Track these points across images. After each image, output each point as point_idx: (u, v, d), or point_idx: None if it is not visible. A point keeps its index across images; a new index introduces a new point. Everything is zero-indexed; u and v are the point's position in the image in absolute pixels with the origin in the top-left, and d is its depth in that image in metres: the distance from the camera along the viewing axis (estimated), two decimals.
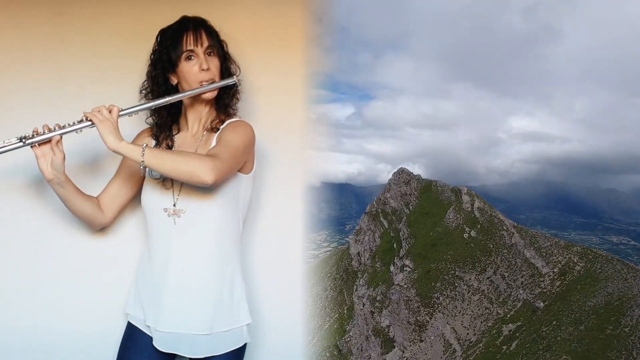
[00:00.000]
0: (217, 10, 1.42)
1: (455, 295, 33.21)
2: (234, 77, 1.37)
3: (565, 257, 33.52)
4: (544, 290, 32.37)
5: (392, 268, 38.38)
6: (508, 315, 32.30)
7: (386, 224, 44.24)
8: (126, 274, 1.46)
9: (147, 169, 1.21)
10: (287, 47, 1.53)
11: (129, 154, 1.18)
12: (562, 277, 32.54)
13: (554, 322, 29.77)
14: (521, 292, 32.86)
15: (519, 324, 31.36)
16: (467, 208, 39.76)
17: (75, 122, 1.23)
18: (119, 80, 1.49)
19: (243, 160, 1.33)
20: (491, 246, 35.62)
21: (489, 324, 32.17)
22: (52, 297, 1.51)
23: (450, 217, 39.02)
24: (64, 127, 1.23)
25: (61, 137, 1.24)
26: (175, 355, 1.36)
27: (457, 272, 34.36)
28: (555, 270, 33.09)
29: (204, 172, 1.15)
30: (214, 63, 1.35)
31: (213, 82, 1.34)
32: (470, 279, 33.97)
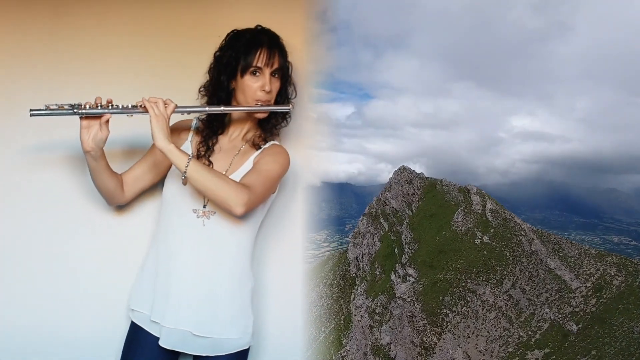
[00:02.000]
0: (217, 8, 1.48)
1: (468, 312, 29.30)
2: (290, 105, 1.40)
3: (598, 269, 29.18)
4: (576, 310, 28.00)
5: (393, 276, 35.90)
6: (533, 339, 28.21)
7: (386, 226, 42.04)
8: (131, 271, 1.46)
9: None
10: (287, 46, 1.51)
11: (174, 159, 1.21)
12: (598, 294, 28.22)
13: (594, 352, 25.45)
14: (547, 310, 28.62)
15: (547, 350, 27.20)
16: (478, 210, 37.82)
17: (130, 106, 1.25)
18: (120, 80, 1.53)
19: (274, 189, 1.39)
20: (508, 254, 31.99)
21: (510, 349, 28.16)
22: (55, 295, 1.50)
23: (459, 219, 36.16)
24: (117, 107, 1.25)
25: (111, 116, 1.26)
26: (178, 355, 1.38)
27: (468, 285, 30.64)
28: (588, 285, 28.69)
29: (237, 204, 1.21)
30: (276, 86, 1.38)
31: (268, 104, 1.37)
32: (484, 292, 30.18)
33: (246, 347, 1.37)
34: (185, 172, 1.19)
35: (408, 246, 36.75)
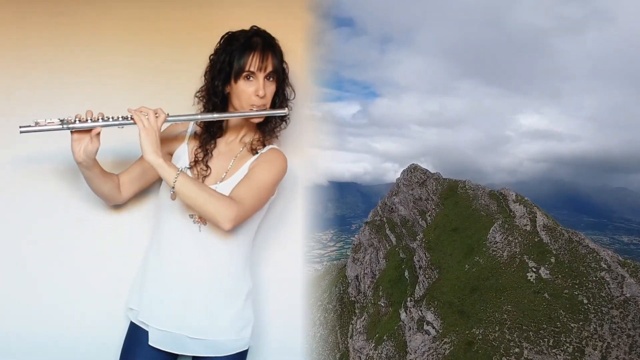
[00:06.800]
0: (218, 7, 1.51)
1: None
2: (285, 109, 1.42)
3: None
4: None
5: (403, 315, 26.90)
6: None
7: (394, 240, 34.17)
8: (130, 271, 1.50)
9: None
10: (291, 44, 1.55)
11: (162, 173, 1.25)
12: None
13: None
14: None
15: None
16: (525, 226, 28.26)
17: (120, 118, 1.28)
18: (119, 81, 1.58)
19: (268, 198, 1.41)
20: (585, 301, 21.45)
21: None
22: (54, 295, 1.56)
23: (497, 239, 26.03)
24: (107, 119, 1.28)
25: (101, 129, 1.29)
26: (177, 354, 1.43)
27: (526, 351, 20.26)
28: None
29: (225, 220, 1.25)
30: (271, 89, 1.40)
31: (264, 108, 1.39)
32: None
33: (245, 349, 1.41)
34: (173, 187, 1.22)
35: (423, 272, 27.66)
